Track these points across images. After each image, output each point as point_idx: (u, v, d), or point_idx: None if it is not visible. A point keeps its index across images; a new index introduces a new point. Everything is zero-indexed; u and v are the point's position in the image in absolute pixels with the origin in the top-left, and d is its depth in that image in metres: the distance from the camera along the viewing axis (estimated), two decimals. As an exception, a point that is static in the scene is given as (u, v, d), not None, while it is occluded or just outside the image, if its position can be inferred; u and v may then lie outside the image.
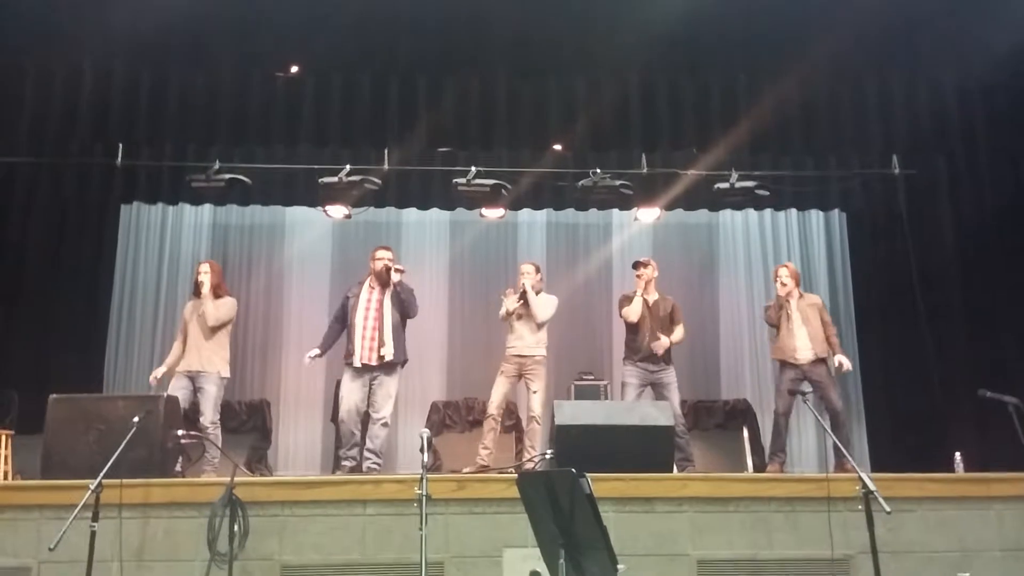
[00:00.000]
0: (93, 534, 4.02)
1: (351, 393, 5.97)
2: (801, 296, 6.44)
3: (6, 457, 6.35)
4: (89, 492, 3.99)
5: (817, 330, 6.26)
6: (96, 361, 7.81)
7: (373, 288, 6.20)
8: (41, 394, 5.27)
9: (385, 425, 5.97)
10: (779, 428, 6.21)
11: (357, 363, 5.96)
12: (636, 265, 6.73)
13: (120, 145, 7.41)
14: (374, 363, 5.97)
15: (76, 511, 3.94)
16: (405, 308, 6.17)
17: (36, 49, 6.97)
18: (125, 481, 4.30)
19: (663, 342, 6.38)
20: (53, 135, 7.32)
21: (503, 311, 6.48)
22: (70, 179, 7.48)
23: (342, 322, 6.21)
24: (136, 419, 4.44)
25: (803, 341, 6.20)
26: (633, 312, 6.49)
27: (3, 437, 6.41)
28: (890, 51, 7.28)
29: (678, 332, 6.54)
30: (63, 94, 7.22)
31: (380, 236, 8.99)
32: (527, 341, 6.36)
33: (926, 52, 7.24)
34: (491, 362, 6.44)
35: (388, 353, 5.96)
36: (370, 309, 6.10)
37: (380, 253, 6.30)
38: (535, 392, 6.25)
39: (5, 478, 6.22)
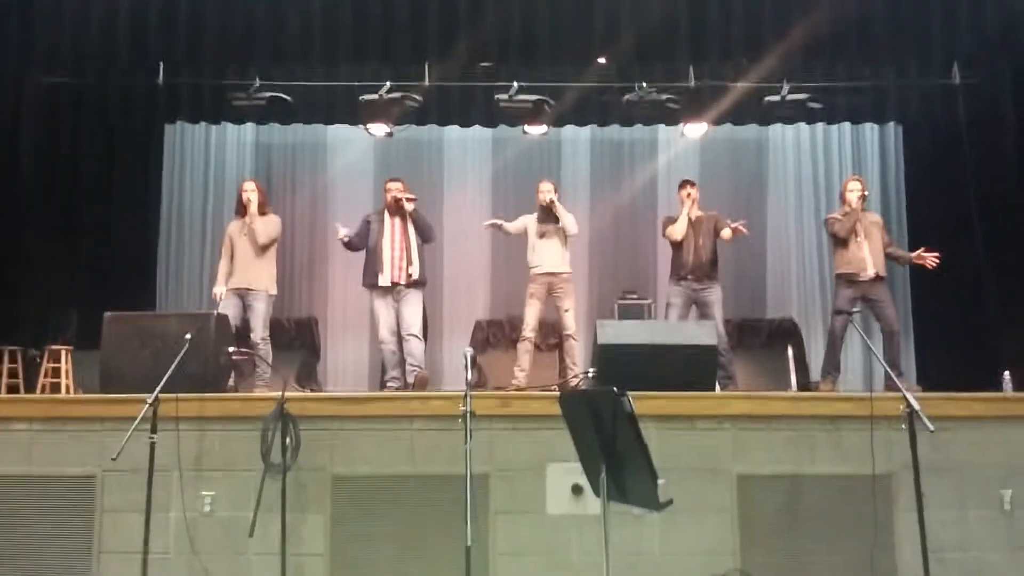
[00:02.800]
0: (153, 445, 4.19)
1: (383, 314, 6.23)
2: (865, 212, 6.27)
3: (67, 371, 6.62)
4: (147, 406, 4.15)
5: (879, 247, 6.13)
6: (148, 279, 8.06)
7: (394, 215, 6.33)
8: (97, 312, 5.43)
9: (418, 338, 6.15)
10: (834, 346, 6.13)
11: (385, 282, 6.17)
12: (683, 184, 6.60)
13: (161, 65, 7.41)
14: (402, 282, 6.18)
15: (135, 423, 4.10)
16: (423, 233, 6.36)
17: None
18: (181, 395, 4.45)
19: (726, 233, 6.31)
20: (94, 57, 7.34)
21: (509, 229, 6.47)
22: (114, 100, 7.55)
23: (362, 240, 6.37)
24: (188, 336, 4.56)
25: (868, 257, 6.07)
26: (678, 231, 6.41)
27: (63, 352, 6.68)
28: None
29: (726, 232, 6.42)
30: (102, 15, 7.20)
31: (422, 154, 8.98)
32: (553, 259, 6.34)
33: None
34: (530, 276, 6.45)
35: (415, 272, 6.21)
36: (395, 233, 6.29)
37: (390, 184, 6.46)
38: (567, 310, 6.28)
39: (66, 391, 6.51)
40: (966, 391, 5.07)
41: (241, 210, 6.37)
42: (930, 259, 6.09)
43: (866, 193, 6.27)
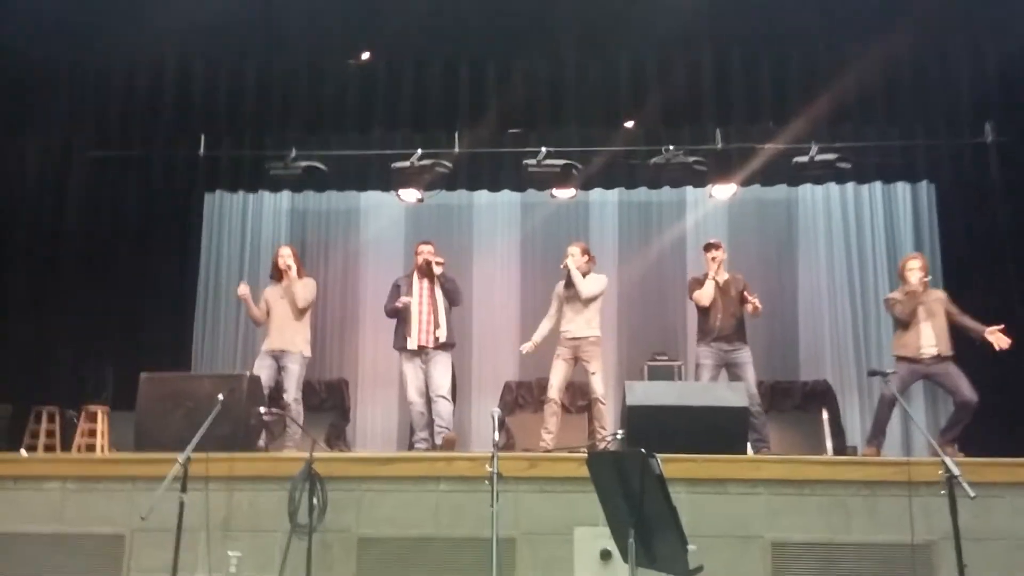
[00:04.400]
0: (182, 504, 4.22)
1: (412, 375, 6.31)
2: (928, 291, 6.12)
3: (103, 432, 6.72)
4: (178, 465, 4.18)
5: (942, 325, 5.96)
6: (185, 341, 8.21)
7: (422, 278, 6.45)
8: (134, 372, 5.55)
9: (446, 399, 6.20)
10: (882, 413, 5.95)
11: (413, 345, 6.27)
12: (708, 247, 6.60)
13: (202, 136, 7.69)
14: (430, 345, 6.28)
15: (166, 482, 4.14)
16: (451, 297, 6.46)
17: (121, 48, 7.27)
18: (211, 455, 4.49)
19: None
20: (139, 131, 7.65)
21: (544, 331, 6.49)
22: (157, 170, 7.80)
23: (396, 309, 6.44)
24: (221, 396, 4.62)
25: (928, 338, 5.92)
26: (705, 296, 6.38)
27: (100, 413, 6.79)
28: (978, 11, 6.89)
29: (749, 307, 6.40)
30: (147, 91, 7.53)
31: (452, 219, 9.11)
32: (577, 323, 6.31)
33: (1017, 10, 6.83)
34: (551, 343, 6.46)
35: (442, 335, 6.31)
36: (423, 296, 6.41)
37: (421, 248, 6.60)
38: (594, 373, 6.24)
39: (101, 451, 6.59)
40: (1008, 456, 4.91)
41: (276, 275, 6.52)
42: (1002, 339, 5.82)
43: (926, 274, 6.09)
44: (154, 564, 4.55)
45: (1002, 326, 5.87)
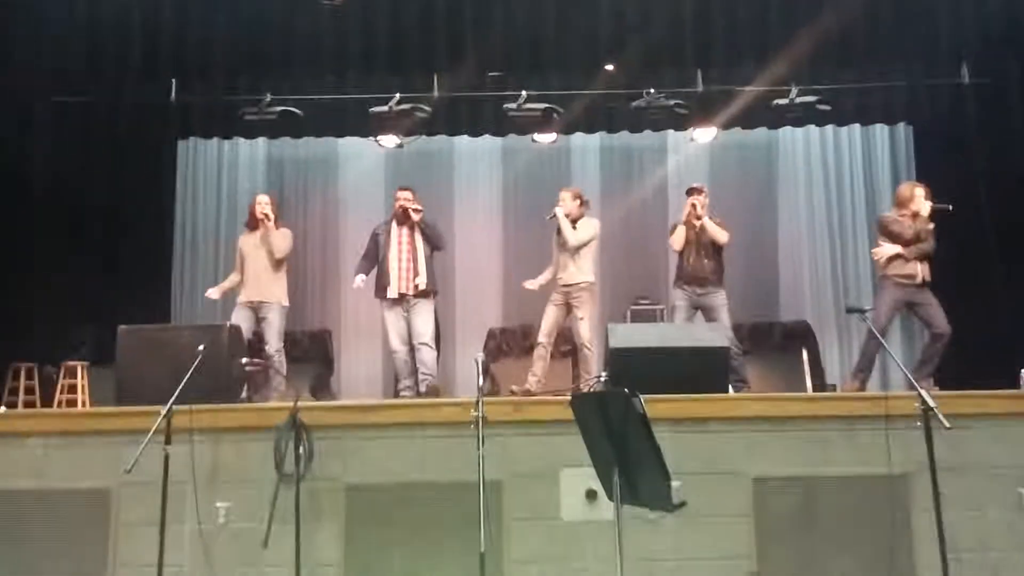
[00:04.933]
0: (167, 457, 4.22)
1: (394, 324, 6.29)
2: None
3: (83, 387, 6.68)
4: (160, 417, 4.17)
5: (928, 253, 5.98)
6: (162, 293, 8.14)
7: (400, 225, 6.36)
8: (112, 327, 5.48)
9: (429, 347, 6.18)
10: (870, 347, 5.96)
11: (393, 294, 6.22)
12: (690, 191, 6.58)
13: (173, 81, 7.50)
14: (410, 292, 6.23)
15: (149, 435, 4.13)
16: (433, 242, 6.39)
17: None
18: (194, 407, 4.47)
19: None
20: (108, 74, 7.43)
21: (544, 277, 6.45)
22: (126, 117, 7.62)
23: (372, 259, 6.41)
24: (201, 347, 4.59)
25: (915, 265, 5.93)
26: (676, 241, 6.47)
27: (80, 368, 6.75)
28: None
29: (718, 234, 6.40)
30: (113, 32, 7.29)
31: (432, 164, 9.02)
32: (569, 270, 6.30)
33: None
34: (546, 289, 6.46)
35: (422, 282, 6.25)
36: (402, 243, 6.34)
37: (399, 194, 6.50)
38: (581, 319, 6.24)
39: (83, 406, 6.56)
40: (982, 389, 5.01)
41: (253, 224, 6.41)
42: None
43: (923, 199, 6.05)
44: (141, 517, 4.54)
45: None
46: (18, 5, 7.12)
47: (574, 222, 6.34)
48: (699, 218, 6.41)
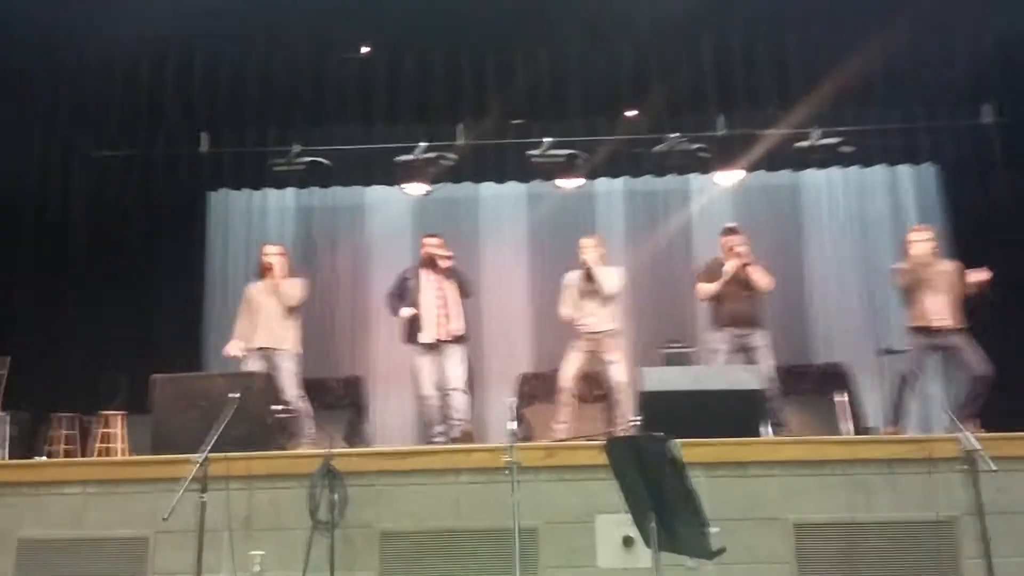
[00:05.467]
0: (203, 505, 4.23)
1: (426, 369, 6.25)
2: (937, 262, 6.05)
3: (121, 436, 6.72)
4: (197, 465, 4.19)
5: (952, 299, 5.90)
6: (195, 341, 8.20)
7: (429, 271, 6.40)
8: (147, 375, 5.54)
9: (462, 392, 6.16)
10: (900, 392, 5.89)
11: (427, 339, 6.20)
12: (728, 232, 6.50)
13: (205, 134, 7.68)
14: (445, 338, 6.22)
15: (185, 483, 4.14)
16: (463, 288, 6.40)
17: (121, 45, 7.21)
18: (230, 455, 4.49)
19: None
20: (142, 128, 7.63)
21: (562, 311, 6.37)
22: (160, 169, 7.79)
23: (401, 299, 6.38)
24: (235, 396, 4.61)
25: (937, 309, 5.86)
26: (704, 292, 6.37)
27: (118, 418, 6.79)
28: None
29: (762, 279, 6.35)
30: (148, 88, 7.49)
31: (458, 211, 9.10)
32: (599, 317, 6.24)
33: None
34: (575, 333, 6.45)
35: (456, 327, 6.25)
36: (432, 289, 6.35)
37: (427, 240, 6.53)
38: (613, 363, 6.18)
39: (121, 455, 6.59)
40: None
41: (262, 272, 6.40)
42: (979, 274, 5.87)
43: (934, 242, 6.03)
44: (177, 566, 4.55)
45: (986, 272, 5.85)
46: (62, 58, 7.32)
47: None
48: (746, 265, 6.35)
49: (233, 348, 6.30)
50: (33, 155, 7.56)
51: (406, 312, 6.30)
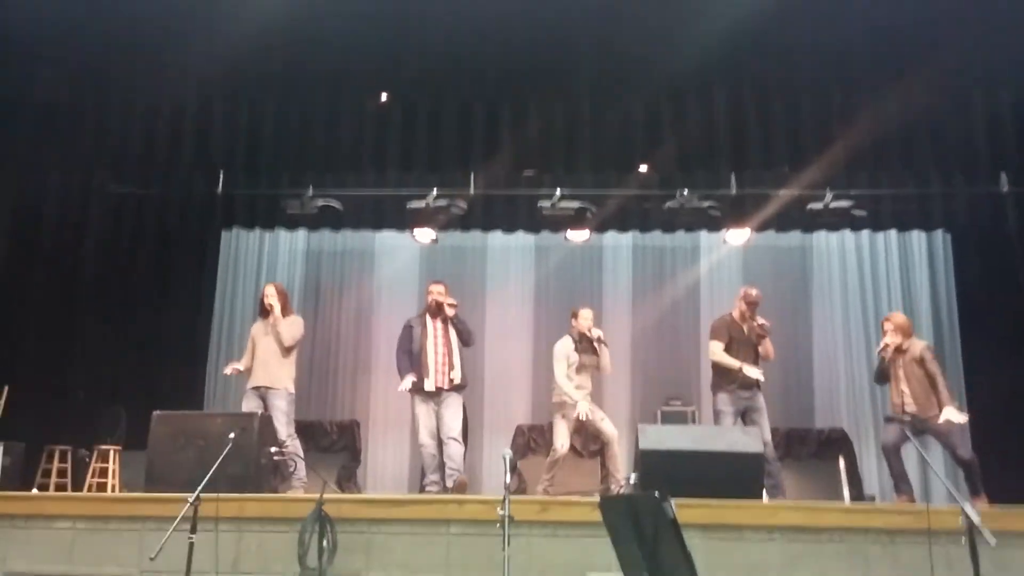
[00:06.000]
0: (191, 545, 4.18)
1: (425, 418, 6.25)
2: (905, 350, 5.99)
3: (114, 471, 6.69)
4: (188, 505, 4.15)
5: (925, 385, 5.84)
6: (198, 379, 8.21)
7: (434, 319, 6.43)
8: (146, 411, 5.55)
9: (458, 441, 6.14)
10: (890, 462, 5.82)
11: (430, 387, 6.21)
12: (750, 303, 6.44)
13: (221, 174, 7.79)
14: (445, 386, 6.24)
15: (175, 523, 4.10)
16: (463, 337, 6.44)
17: (142, 87, 7.36)
18: (221, 495, 4.45)
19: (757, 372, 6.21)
20: (159, 168, 7.74)
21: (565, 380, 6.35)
22: (174, 208, 7.89)
23: (410, 349, 6.39)
24: (232, 436, 4.60)
25: (907, 396, 5.86)
26: (717, 352, 6.29)
27: (112, 452, 6.77)
28: (994, 60, 6.92)
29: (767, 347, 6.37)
30: (167, 129, 7.61)
31: (466, 260, 9.15)
32: (586, 390, 6.34)
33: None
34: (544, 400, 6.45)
35: (457, 376, 6.27)
36: (437, 337, 6.38)
37: (432, 287, 6.58)
38: (602, 419, 6.22)
39: (112, 491, 6.55)
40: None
41: (263, 312, 6.51)
42: (954, 416, 5.69)
43: (893, 337, 5.98)
44: (162, 606, 4.48)
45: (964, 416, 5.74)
46: (82, 99, 7.49)
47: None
48: (763, 336, 6.34)
49: (229, 367, 6.46)
50: (50, 188, 7.67)
51: (406, 384, 6.30)
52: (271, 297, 6.46)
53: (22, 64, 6.95)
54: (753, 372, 6.15)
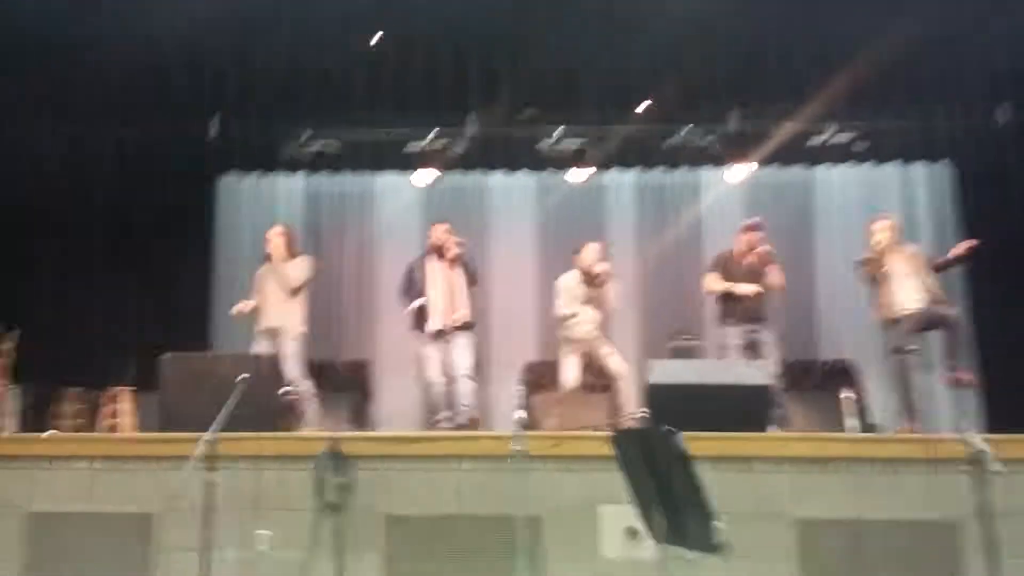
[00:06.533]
0: (209, 484, 4.24)
1: (433, 356, 6.29)
2: (900, 248, 6.09)
3: (130, 412, 6.76)
4: (204, 444, 4.20)
5: (925, 281, 5.93)
6: (203, 321, 8.22)
7: (439, 259, 6.42)
8: (156, 354, 5.56)
9: (471, 378, 6.17)
10: (901, 389, 5.89)
11: (434, 328, 6.22)
12: (749, 228, 6.53)
13: (217, 116, 7.67)
14: (452, 326, 6.27)
15: (192, 461, 4.15)
16: (470, 276, 6.42)
17: (131, 29, 7.21)
18: (238, 434, 4.51)
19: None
20: (154, 110, 7.63)
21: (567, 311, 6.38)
22: (171, 152, 7.81)
23: (413, 295, 6.38)
24: (242, 377, 4.62)
25: (908, 293, 5.88)
26: (714, 284, 6.41)
27: (128, 394, 6.83)
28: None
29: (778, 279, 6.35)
30: (158, 71, 7.48)
31: (466, 201, 9.08)
32: (592, 325, 6.37)
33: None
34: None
35: (462, 316, 6.28)
36: (439, 279, 6.37)
37: (436, 227, 6.57)
38: (610, 354, 6.24)
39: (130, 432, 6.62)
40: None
41: (266, 256, 6.50)
42: (963, 246, 5.92)
43: (889, 231, 6.07)
44: (183, 543, 4.55)
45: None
46: (74, 48, 7.31)
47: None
48: (770, 263, 6.32)
49: (238, 307, 6.48)
50: (48, 135, 7.57)
51: (413, 305, 6.30)
52: (273, 238, 6.44)
53: (9, 5, 6.78)
54: (744, 288, 6.20)
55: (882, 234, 6.04)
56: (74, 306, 7.40)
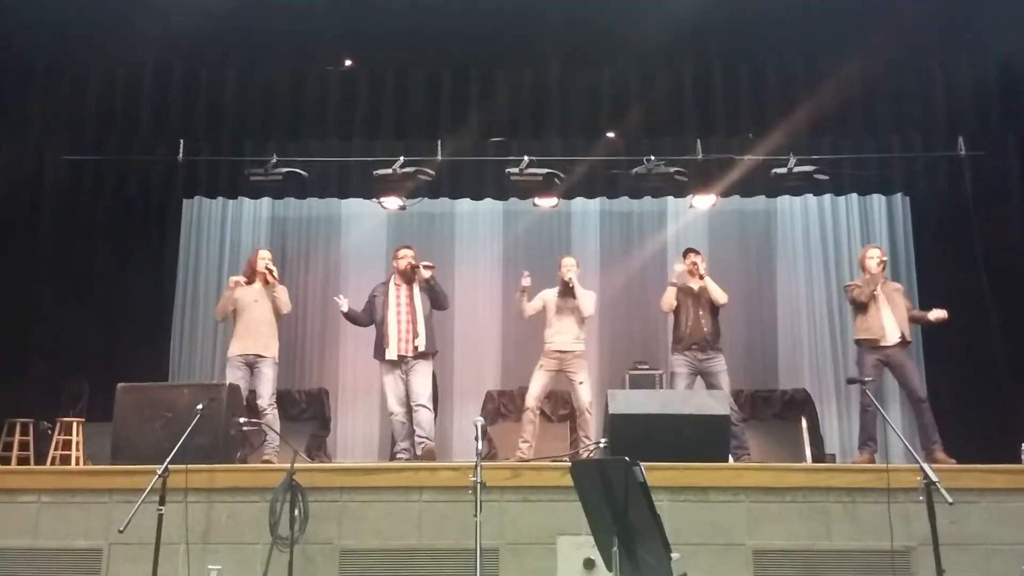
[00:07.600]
0: (160, 517, 4.17)
1: (392, 385, 6.24)
2: (886, 281, 6.33)
3: (78, 443, 6.61)
4: (156, 477, 4.13)
5: (902, 313, 6.17)
6: (162, 350, 8.12)
7: (399, 285, 6.38)
8: (110, 383, 5.47)
9: (427, 408, 6.12)
10: (866, 419, 6.01)
11: (392, 356, 6.18)
12: (686, 253, 6.67)
13: (181, 142, 7.61)
14: (409, 354, 6.18)
15: (144, 495, 4.09)
16: (439, 301, 6.38)
17: (99, 51, 7.15)
18: (190, 466, 4.44)
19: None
20: (117, 134, 7.55)
21: (527, 308, 6.48)
22: (134, 176, 7.72)
23: (369, 315, 6.42)
24: (200, 407, 4.57)
25: (890, 322, 6.09)
26: (666, 303, 6.54)
27: (75, 425, 6.68)
28: (954, 28, 7.00)
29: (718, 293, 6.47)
30: (125, 94, 7.39)
31: (434, 227, 9.11)
32: (568, 336, 6.35)
33: (992, 28, 6.96)
34: (543, 350, 6.47)
35: (421, 344, 6.20)
36: (401, 304, 6.32)
37: (403, 252, 6.51)
38: (581, 383, 6.25)
39: (77, 464, 6.48)
40: (984, 463, 4.97)
41: (252, 277, 6.37)
42: (939, 313, 6.21)
43: (885, 259, 6.34)
44: (132, 578, 4.47)
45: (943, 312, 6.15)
46: (36, 62, 7.25)
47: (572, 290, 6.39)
48: (701, 276, 6.46)
49: (235, 279, 6.39)
50: (3, 157, 7.44)
51: (342, 303, 6.37)
52: (268, 261, 6.35)
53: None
54: (678, 267, 6.45)
55: (878, 262, 6.23)
56: (25, 333, 7.23)
